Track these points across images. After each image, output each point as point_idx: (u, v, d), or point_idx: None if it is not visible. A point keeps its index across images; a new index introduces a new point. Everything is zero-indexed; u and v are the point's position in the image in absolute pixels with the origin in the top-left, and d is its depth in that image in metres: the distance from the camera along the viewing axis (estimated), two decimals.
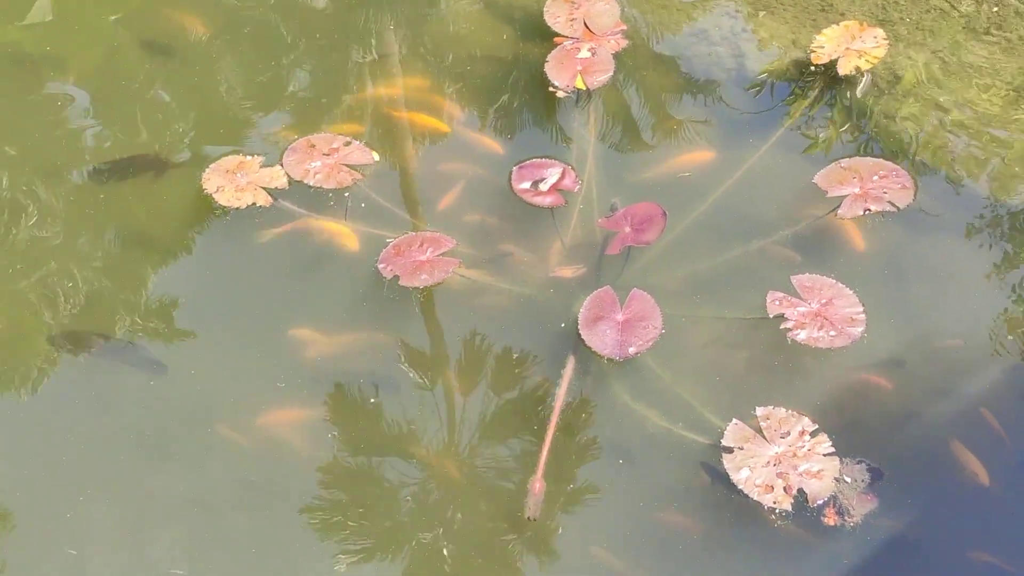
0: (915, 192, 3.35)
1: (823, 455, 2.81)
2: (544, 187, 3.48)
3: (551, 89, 3.77)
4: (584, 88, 3.76)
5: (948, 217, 3.40)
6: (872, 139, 3.61)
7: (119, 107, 3.97)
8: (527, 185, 3.48)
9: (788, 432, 2.85)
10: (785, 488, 2.76)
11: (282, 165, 3.58)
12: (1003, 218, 3.40)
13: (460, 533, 2.90)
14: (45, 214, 3.60)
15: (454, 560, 2.87)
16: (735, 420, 2.89)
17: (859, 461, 2.84)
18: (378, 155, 3.65)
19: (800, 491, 2.76)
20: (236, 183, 3.53)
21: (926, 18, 3.89)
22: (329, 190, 3.53)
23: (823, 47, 3.75)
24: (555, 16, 3.97)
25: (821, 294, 3.11)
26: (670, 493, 2.91)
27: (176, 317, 3.36)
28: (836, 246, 3.32)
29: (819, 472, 2.78)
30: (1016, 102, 3.60)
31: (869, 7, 3.95)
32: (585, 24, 3.94)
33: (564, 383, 3.05)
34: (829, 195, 3.36)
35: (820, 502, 2.76)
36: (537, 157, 3.58)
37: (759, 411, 2.90)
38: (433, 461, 3.05)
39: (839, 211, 3.32)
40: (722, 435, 2.87)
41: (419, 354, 3.24)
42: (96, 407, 3.15)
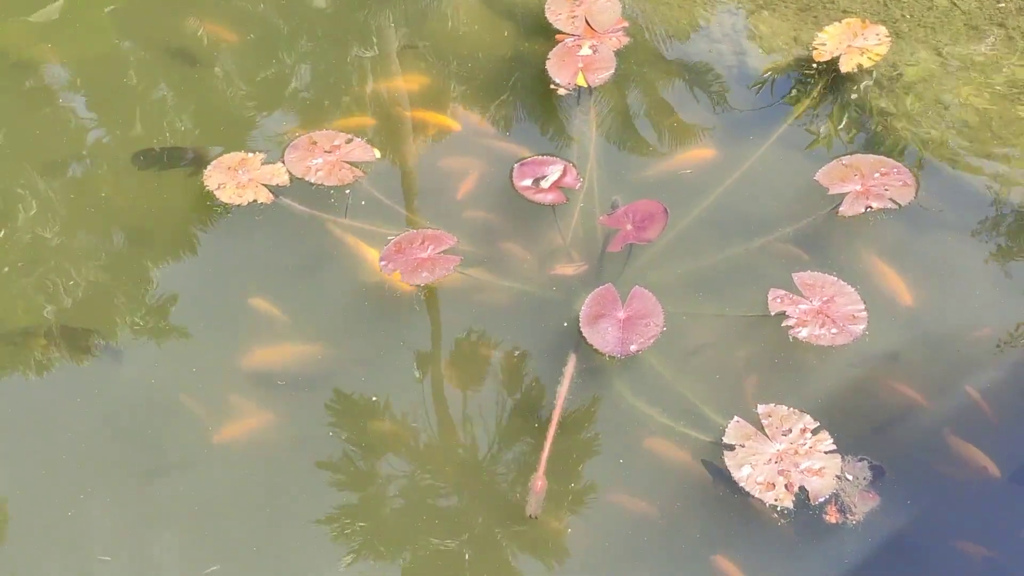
0: (917, 189, 3.35)
1: (825, 452, 2.81)
2: (545, 184, 3.47)
3: (552, 86, 3.77)
4: (585, 85, 3.76)
5: (949, 214, 3.39)
6: (874, 136, 3.60)
7: (122, 104, 3.98)
8: (528, 182, 3.48)
9: (790, 429, 2.85)
10: (787, 486, 2.76)
11: (284, 162, 3.58)
12: (1004, 215, 3.40)
13: (460, 531, 2.90)
14: (45, 210, 3.61)
15: (454, 558, 2.87)
16: (736, 417, 2.89)
17: (861, 459, 2.83)
18: (379, 152, 3.65)
19: (802, 489, 2.76)
20: (238, 180, 3.52)
21: (928, 15, 3.88)
22: (330, 187, 3.53)
23: (825, 44, 3.74)
24: (556, 13, 3.97)
25: (823, 291, 3.11)
26: (671, 492, 2.91)
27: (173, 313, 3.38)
28: (837, 243, 3.32)
29: (821, 470, 2.78)
30: (1017, 99, 3.60)
31: (870, 4, 3.95)
32: (586, 21, 3.93)
33: (565, 381, 3.05)
34: (831, 192, 3.36)
35: (822, 500, 2.76)
36: (538, 154, 3.58)
37: (761, 408, 2.90)
38: (433, 459, 3.05)
39: (841, 208, 3.31)
40: (724, 432, 2.87)
41: (420, 351, 3.24)
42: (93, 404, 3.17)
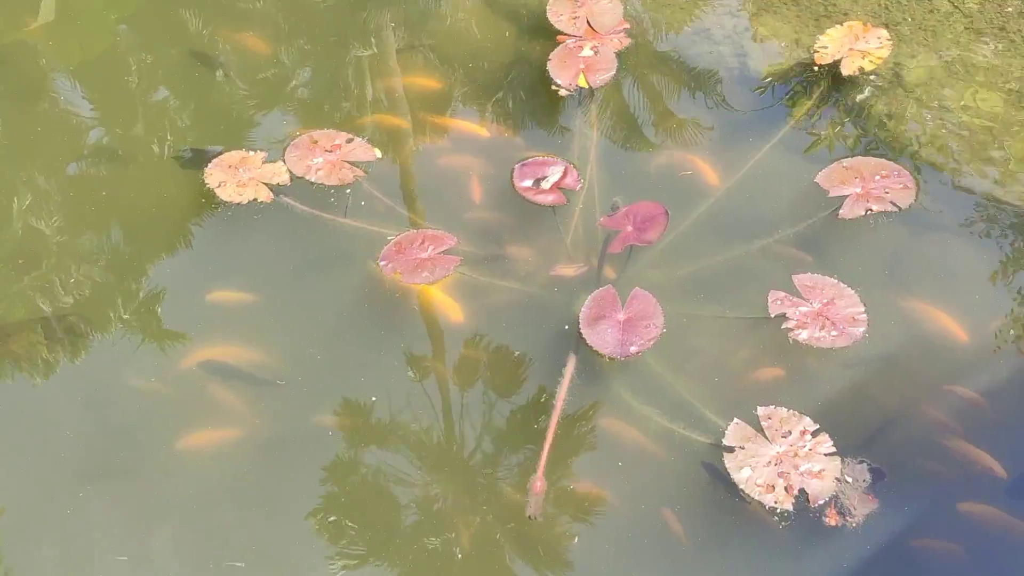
0: (917, 192, 3.35)
1: (824, 455, 2.80)
2: (546, 185, 3.47)
3: (553, 87, 3.77)
4: (587, 87, 3.76)
5: (950, 217, 3.39)
6: (874, 139, 3.60)
7: (122, 102, 3.98)
8: (529, 183, 3.48)
9: (789, 432, 2.85)
10: (786, 488, 2.76)
11: (284, 161, 3.58)
12: (1005, 218, 3.40)
13: (460, 532, 2.90)
14: (43, 206, 3.61)
15: (452, 559, 2.86)
16: (736, 419, 2.89)
17: (861, 461, 2.83)
18: (380, 152, 3.64)
19: (801, 491, 2.76)
20: (238, 178, 3.52)
21: (929, 18, 3.89)
22: (331, 187, 3.53)
23: (826, 47, 3.74)
24: (558, 14, 3.97)
25: (823, 294, 3.10)
26: (670, 492, 2.91)
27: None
28: (838, 246, 3.32)
29: (820, 472, 2.78)
30: (1019, 102, 3.60)
31: (871, 7, 3.95)
32: (588, 22, 3.93)
33: (565, 382, 3.05)
34: (831, 195, 3.36)
35: (821, 502, 2.76)
36: (539, 155, 3.58)
37: (760, 411, 2.90)
38: (432, 460, 3.05)
39: (841, 211, 3.31)
40: (723, 434, 2.87)
41: (419, 351, 3.23)
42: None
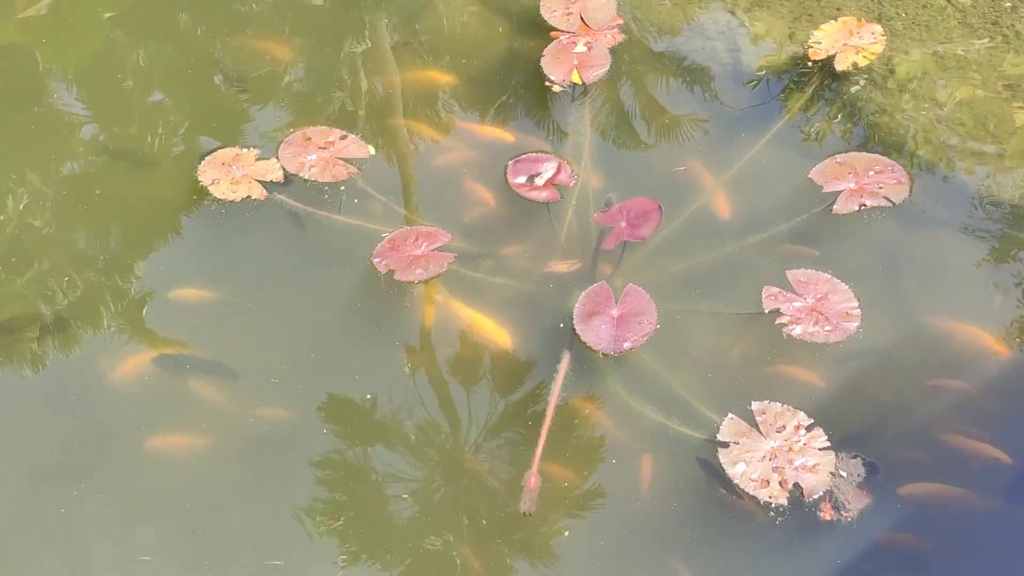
0: (911, 187, 3.36)
1: (819, 449, 2.81)
2: (540, 181, 3.47)
3: (547, 83, 3.77)
4: (580, 82, 3.76)
5: (944, 212, 3.39)
6: (868, 135, 3.60)
7: (115, 100, 3.97)
8: (523, 179, 3.48)
9: (784, 426, 2.85)
10: (781, 483, 2.76)
11: (278, 158, 3.57)
12: (998, 213, 3.40)
13: (454, 528, 2.90)
14: (38, 204, 3.60)
15: (447, 556, 2.86)
16: (731, 414, 2.89)
17: (855, 455, 2.83)
18: (374, 149, 3.64)
19: (796, 485, 2.76)
20: (232, 176, 3.51)
21: (923, 14, 3.89)
22: (325, 184, 3.52)
23: (820, 43, 3.74)
24: (551, 10, 3.97)
25: (816, 289, 3.11)
26: (665, 488, 2.91)
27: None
28: (831, 241, 3.32)
29: (815, 466, 2.78)
30: (1012, 97, 3.60)
31: (865, 2, 3.95)
32: (581, 18, 3.93)
33: (559, 378, 3.05)
34: (825, 190, 3.36)
35: (816, 497, 2.76)
36: (533, 151, 3.57)
37: (755, 406, 2.90)
38: (426, 457, 3.04)
39: (835, 206, 3.31)
40: (718, 429, 2.87)
41: (413, 348, 3.23)
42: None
